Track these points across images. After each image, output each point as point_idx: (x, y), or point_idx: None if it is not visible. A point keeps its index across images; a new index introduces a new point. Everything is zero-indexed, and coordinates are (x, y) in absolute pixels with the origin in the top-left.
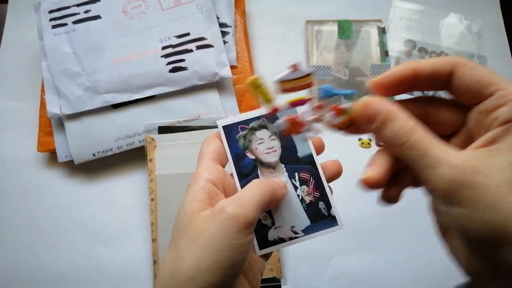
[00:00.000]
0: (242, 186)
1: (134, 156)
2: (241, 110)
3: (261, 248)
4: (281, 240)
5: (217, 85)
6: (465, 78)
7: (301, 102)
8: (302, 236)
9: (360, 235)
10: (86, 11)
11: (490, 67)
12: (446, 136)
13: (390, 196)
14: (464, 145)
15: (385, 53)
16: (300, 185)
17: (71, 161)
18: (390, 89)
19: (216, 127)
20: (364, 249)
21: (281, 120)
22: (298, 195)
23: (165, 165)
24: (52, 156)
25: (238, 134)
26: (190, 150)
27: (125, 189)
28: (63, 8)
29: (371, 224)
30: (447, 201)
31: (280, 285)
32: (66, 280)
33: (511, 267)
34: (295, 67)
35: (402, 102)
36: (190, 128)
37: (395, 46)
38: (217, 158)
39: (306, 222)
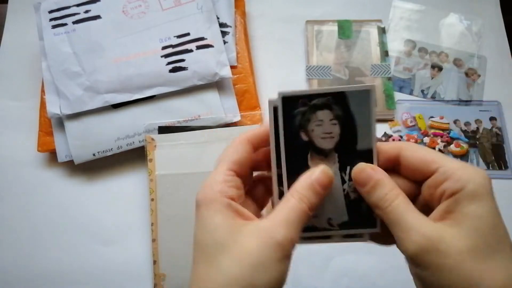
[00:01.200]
0: (289, 169)
1: (134, 156)
2: (241, 110)
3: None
4: (314, 229)
5: (217, 85)
6: (410, 159)
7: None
8: (336, 230)
9: None
10: (86, 11)
11: (490, 67)
12: None
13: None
14: (422, 212)
15: (385, 53)
16: (349, 180)
17: (71, 161)
18: None
19: (215, 127)
20: (364, 249)
21: None
22: (344, 189)
23: (165, 165)
24: (52, 156)
25: (297, 110)
26: (190, 150)
27: (125, 189)
28: (63, 8)
29: None
30: (416, 263)
31: None
32: (66, 280)
33: None
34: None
35: None
36: (190, 128)
37: (395, 46)
38: (238, 170)
39: (344, 217)
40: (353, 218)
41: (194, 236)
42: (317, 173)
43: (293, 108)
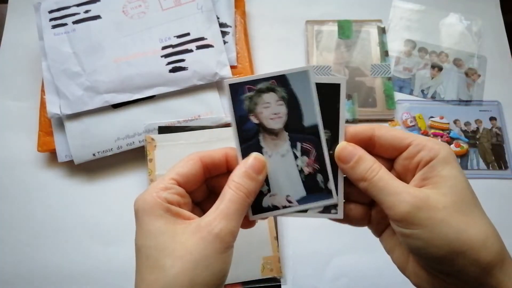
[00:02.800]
0: (243, 151)
1: (134, 156)
2: None
3: (254, 213)
4: (275, 208)
5: (217, 85)
6: (385, 137)
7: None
8: (296, 205)
9: (360, 235)
10: (86, 11)
11: (490, 67)
12: None
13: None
14: None
15: (385, 53)
16: (301, 155)
17: (71, 161)
18: None
19: (215, 127)
20: (364, 249)
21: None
22: (297, 165)
23: (165, 165)
24: (52, 156)
25: (244, 95)
26: (190, 150)
27: (125, 189)
28: (63, 8)
29: None
30: (408, 223)
31: (280, 285)
32: (66, 280)
33: (469, 274)
34: None
35: None
36: (190, 128)
37: (395, 46)
38: (182, 182)
39: (302, 192)
40: (310, 192)
41: (135, 243)
42: (250, 160)
43: (241, 94)
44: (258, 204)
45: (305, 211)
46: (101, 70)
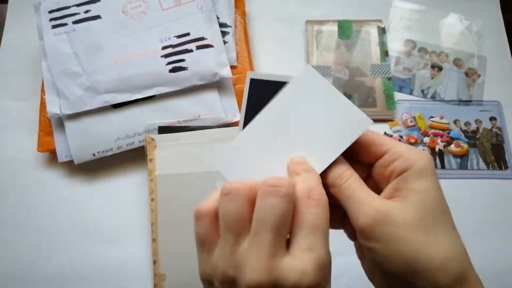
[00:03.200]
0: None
1: (134, 156)
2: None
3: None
4: None
5: (217, 85)
6: (362, 142)
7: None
8: None
9: None
10: (86, 11)
11: (490, 67)
12: None
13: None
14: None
15: (385, 53)
16: None
17: (71, 161)
18: None
19: (215, 127)
20: None
21: None
22: None
23: (165, 165)
24: (52, 156)
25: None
26: (190, 150)
27: (125, 189)
28: (63, 8)
29: None
30: (368, 236)
31: None
32: (66, 280)
33: None
34: None
35: None
36: (190, 128)
37: (395, 46)
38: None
39: None
40: None
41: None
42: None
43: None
44: None
45: None
46: (101, 70)
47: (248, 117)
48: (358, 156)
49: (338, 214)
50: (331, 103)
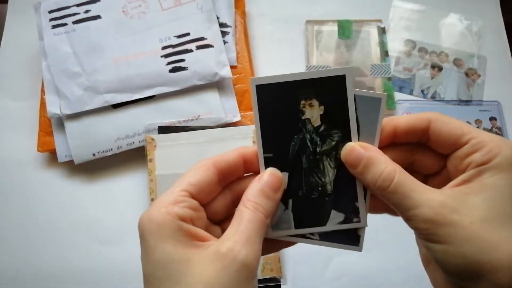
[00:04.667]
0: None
1: (134, 156)
2: (241, 110)
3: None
4: (294, 234)
5: (217, 85)
6: (441, 132)
7: None
8: (316, 240)
9: None
10: (86, 11)
11: (490, 67)
12: (428, 175)
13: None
14: (443, 185)
15: (385, 53)
16: None
17: (71, 161)
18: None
19: (215, 127)
20: (364, 249)
21: None
22: None
23: (165, 165)
24: (52, 156)
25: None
26: (190, 150)
27: (125, 189)
28: (63, 8)
29: (371, 224)
30: (428, 239)
31: (280, 285)
32: (66, 280)
33: None
34: None
35: (393, 146)
36: (190, 128)
37: (395, 46)
38: (195, 193)
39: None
40: (335, 230)
41: (143, 271)
42: (265, 177)
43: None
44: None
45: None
46: (101, 70)
47: (264, 123)
48: (436, 147)
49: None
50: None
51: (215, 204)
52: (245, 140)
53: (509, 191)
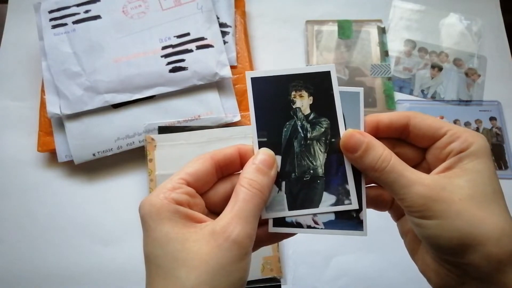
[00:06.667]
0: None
1: (134, 156)
2: (241, 110)
3: (274, 225)
4: (298, 225)
5: (217, 85)
6: (420, 126)
7: None
8: (322, 228)
9: None
10: (86, 11)
11: (490, 67)
12: None
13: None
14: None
15: (385, 53)
16: None
17: (71, 161)
18: None
19: (215, 127)
20: (364, 249)
21: None
22: None
23: (165, 165)
24: (52, 156)
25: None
26: (190, 150)
27: (125, 189)
28: (63, 8)
29: (371, 224)
30: (422, 215)
31: (280, 285)
32: (66, 280)
33: (478, 269)
34: None
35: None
36: (190, 128)
37: (395, 46)
38: (192, 182)
39: (331, 216)
40: (339, 217)
41: (144, 251)
42: (259, 155)
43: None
44: (281, 218)
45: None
46: (101, 70)
47: (258, 111)
48: (415, 141)
49: (386, 197)
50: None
51: (214, 194)
52: (245, 140)
53: (488, 173)
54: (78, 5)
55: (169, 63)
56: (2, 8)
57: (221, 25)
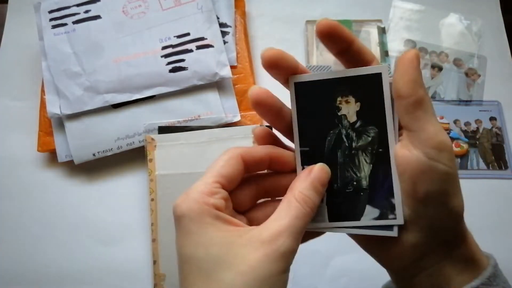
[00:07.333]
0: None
1: (134, 156)
2: (241, 110)
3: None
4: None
5: (217, 85)
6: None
7: None
8: (351, 228)
9: None
10: (86, 11)
11: (490, 67)
12: None
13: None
14: None
15: (385, 53)
16: None
17: (71, 161)
18: None
19: (215, 127)
20: None
21: None
22: None
23: (165, 165)
24: (52, 156)
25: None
26: (190, 150)
27: (125, 189)
28: (63, 8)
29: None
30: (440, 148)
31: None
32: (66, 280)
33: (450, 216)
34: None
35: None
36: (190, 128)
37: (395, 46)
38: (226, 185)
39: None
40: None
41: (181, 252)
42: (317, 171)
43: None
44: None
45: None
46: (101, 70)
47: (301, 119)
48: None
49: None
50: None
51: (240, 195)
52: (245, 140)
53: None
54: (78, 5)
55: (169, 63)
56: (2, 8)
57: (221, 25)
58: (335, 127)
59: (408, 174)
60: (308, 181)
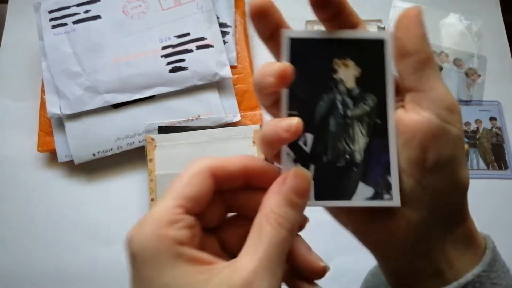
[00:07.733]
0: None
1: (134, 156)
2: (241, 110)
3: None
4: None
5: (217, 85)
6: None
7: None
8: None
9: None
10: (86, 11)
11: (490, 67)
12: None
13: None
14: None
15: None
16: None
17: (71, 161)
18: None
19: (215, 127)
20: (364, 249)
21: None
22: None
23: (165, 165)
24: (52, 156)
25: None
26: (190, 150)
27: (125, 189)
28: (63, 8)
29: None
30: (451, 109)
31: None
32: (66, 280)
33: (457, 190)
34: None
35: None
36: (190, 128)
37: None
38: (191, 207)
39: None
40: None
41: None
42: (291, 180)
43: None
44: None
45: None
46: (101, 70)
47: (293, 85)
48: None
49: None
50: None
51: (208, 213)
52: (245, 140)
53: None
54: (78, 5)
55: (169, 63)
56: (2, 8)
57: (221, 25)
58: (329, 91)
59: (418, 140)
60: (281, 194)
